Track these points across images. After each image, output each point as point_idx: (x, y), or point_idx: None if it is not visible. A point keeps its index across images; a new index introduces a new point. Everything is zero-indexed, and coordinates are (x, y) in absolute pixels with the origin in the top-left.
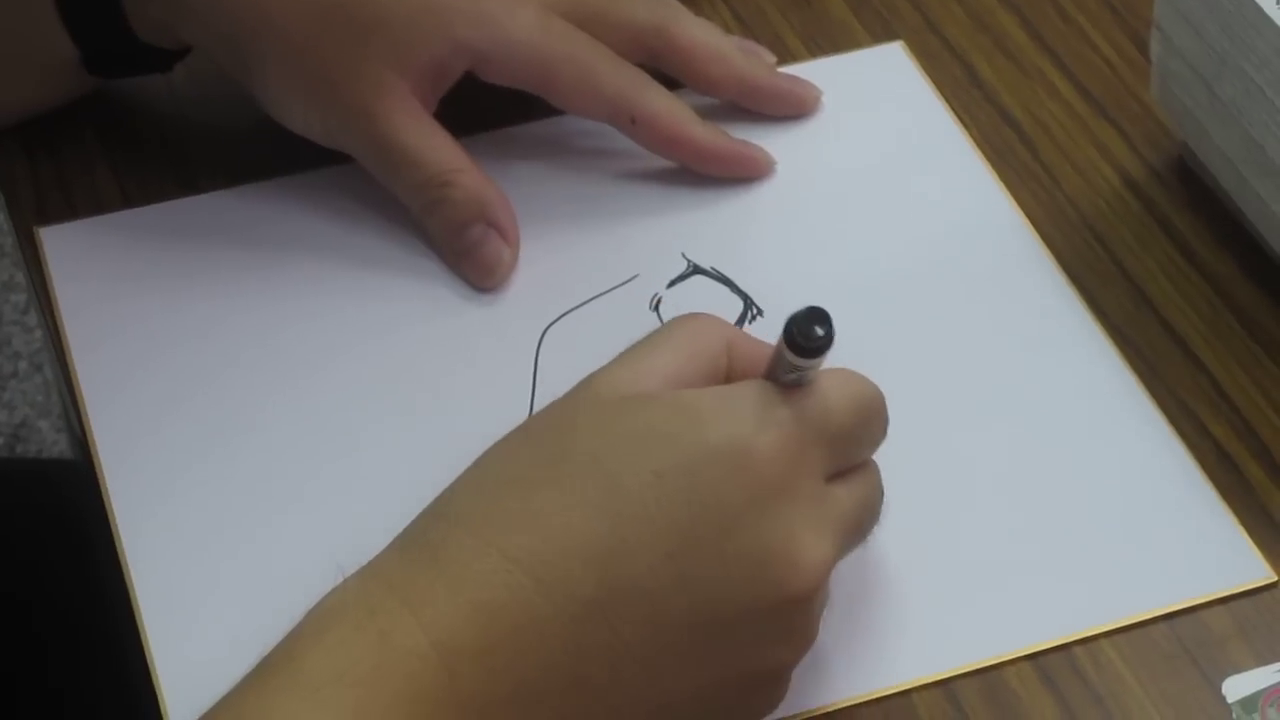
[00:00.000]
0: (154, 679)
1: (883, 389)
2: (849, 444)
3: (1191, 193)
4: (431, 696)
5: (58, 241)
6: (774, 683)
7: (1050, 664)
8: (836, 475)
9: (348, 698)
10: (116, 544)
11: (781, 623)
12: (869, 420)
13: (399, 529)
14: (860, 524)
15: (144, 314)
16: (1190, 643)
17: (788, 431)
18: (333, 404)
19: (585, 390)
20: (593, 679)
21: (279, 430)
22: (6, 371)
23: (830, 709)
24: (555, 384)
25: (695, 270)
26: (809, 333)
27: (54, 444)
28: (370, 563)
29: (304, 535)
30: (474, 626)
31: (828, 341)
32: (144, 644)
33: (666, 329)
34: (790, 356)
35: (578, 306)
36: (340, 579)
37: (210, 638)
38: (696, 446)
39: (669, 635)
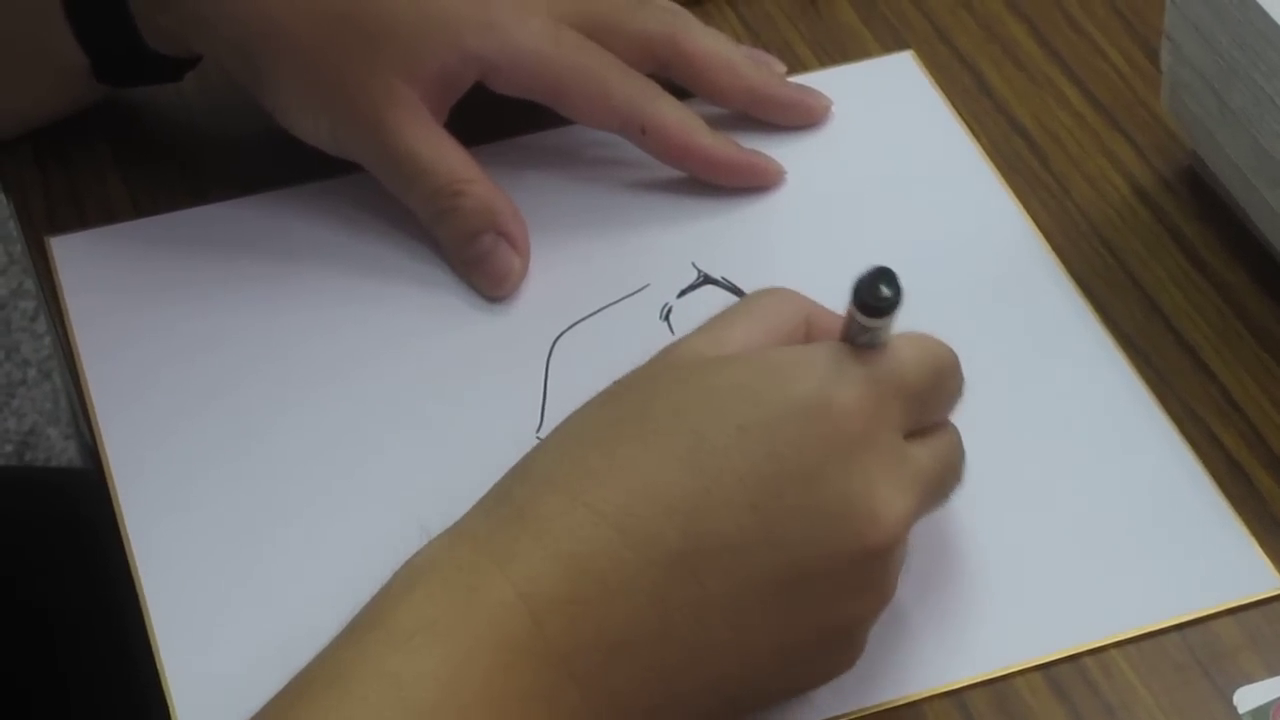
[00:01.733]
0: (164, 688)
1: None
2: (925, 402)
3: (1202, 202)
4: (518, 644)
5: (68, 251)
6: (851, 638)
7: (1061, 674)
8: (915, 434)
9: (437, 646)
10: (127, 553)
11: (860, 576)
12: (943, 379)
13: (408, 538)
14: (941, 482)
15: (154, 323)
16: (1201, 653)
17: (865, 387)
18: (342, 413)
19: (665, 356)
20: (677, 629)
21: (289, 439)
22: (15, 379)
23: (840, 719)
24: (566, 393)
25: (706, 280)
26: (876, 292)
27: (63, 451)
28: (456, 523)
29: (314, 544)
30: (560, 578)
31: (895, 300)
32: (154, 653)
33: (746, 301)
34: (860, 318)
35: (588, 316)
36: (424, 540)
37: (221, 647)
38: (777, 402)
39: (752, 587)
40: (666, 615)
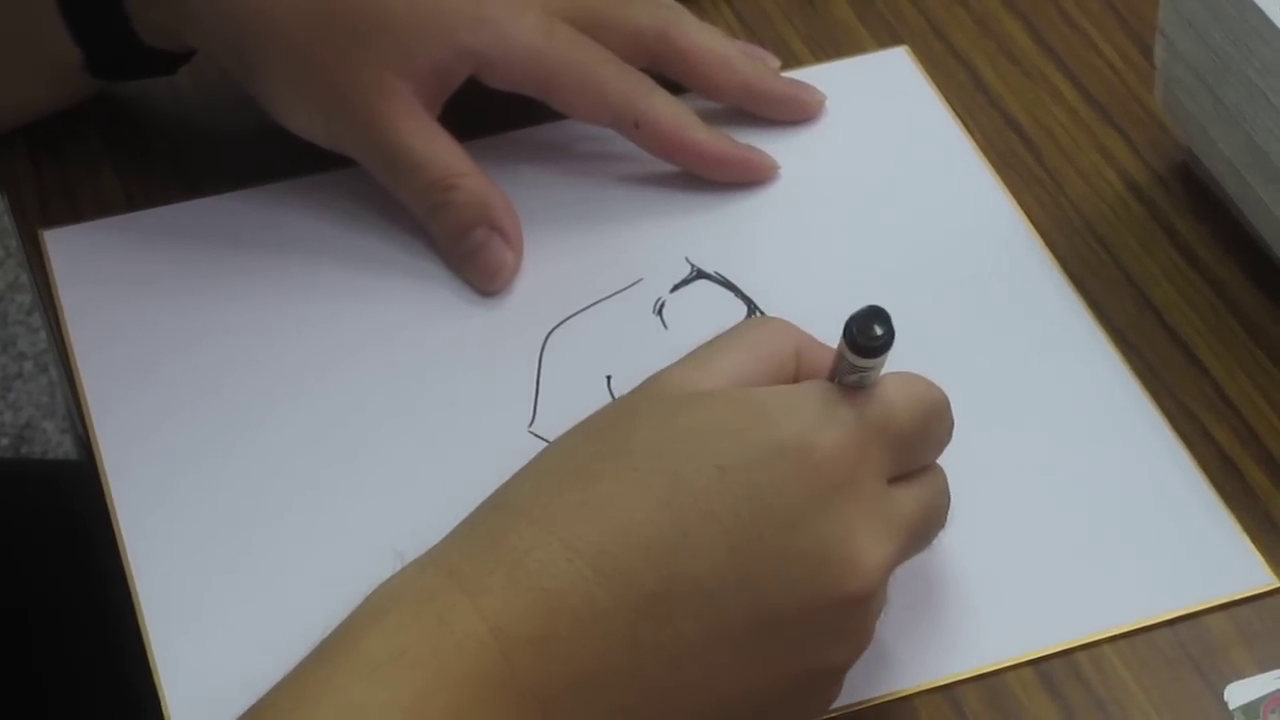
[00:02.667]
0: (156, 683)
1: None
2: (912, 446)
3: (1195, 198)
4: (490, 681)
5: (61, 244)
6: (828, 683)
7: (1052, 669)
8: (900, 478)
9: (406, 677)
10: (119, 545)
11: (838, 622)
12: (931, 422)
13: (401, 532)
14: (923, 527)
15: (147, 317)
16: (1193, 648)
17: (850, 431)
18: (335, 407)
19: (650, 386)
20: (650, 672)
21: (282, 432)
22: (12, 372)
23: (832, 715)
24: (559, 388)
25: (699, 274)
26: (869, 332)
27: (59, 445)
28: (429, 551)
29: (306, 537)
30: (533, 615)
31: (887, 341)
32: (146, 647)
33: (737, 330)
34: (851, 357)
35: (581, 310)
36: (398, 565)
37: (213, 641)
38: (759, 443)
39: (728, 631)
40: (638, 655)
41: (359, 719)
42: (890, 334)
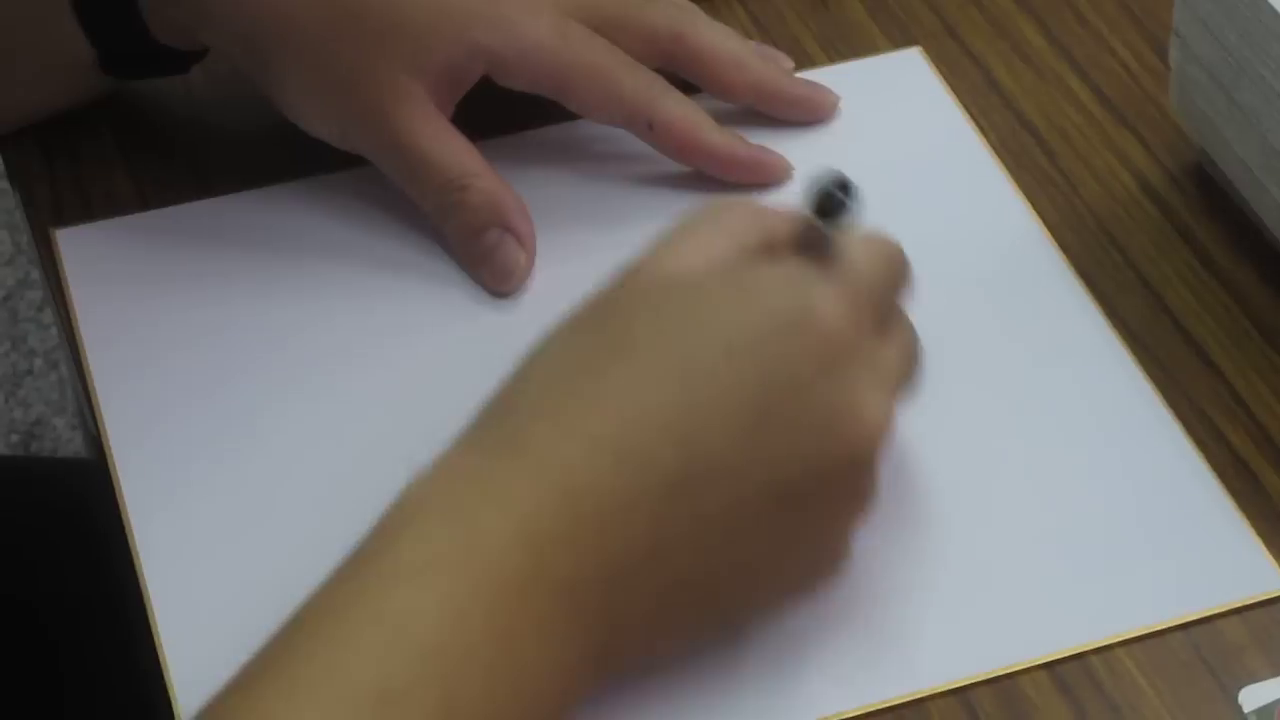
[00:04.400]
0: (166, 678)
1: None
2: (888, 300)
3: (1210, 200)
4: (519, 579)
5: (74, 243)
6: (840, 544)
7: (1066, 672)
8: (880, 331)
9: (439, 583)
10: (129, 543)
11: (849, 482)
12: (898, 273)
13: None
14: (908, 374)
15: (158, 316)
16: (1207, 652)
17: (839, 296)
18: (346, 406)
19: (633, 278)
20: (675, 550)
21: (292, 432)
22: (22, 369)
23: (845, 716)
24: None
25: None
26: (836, 198)
27: (69, 441)
28: (444, 457)
29: (316, 535)
30: (559, 511)
31: (854, 205)
32: (156, 643)
33: (701, 212)
34: (821, 225)
35: None
36: (413, 473)
37: (222, 637)
38: (761, 320)
39: (748, 505)
40: (664, 537)
41: (398, 626)
42: (855, 197)
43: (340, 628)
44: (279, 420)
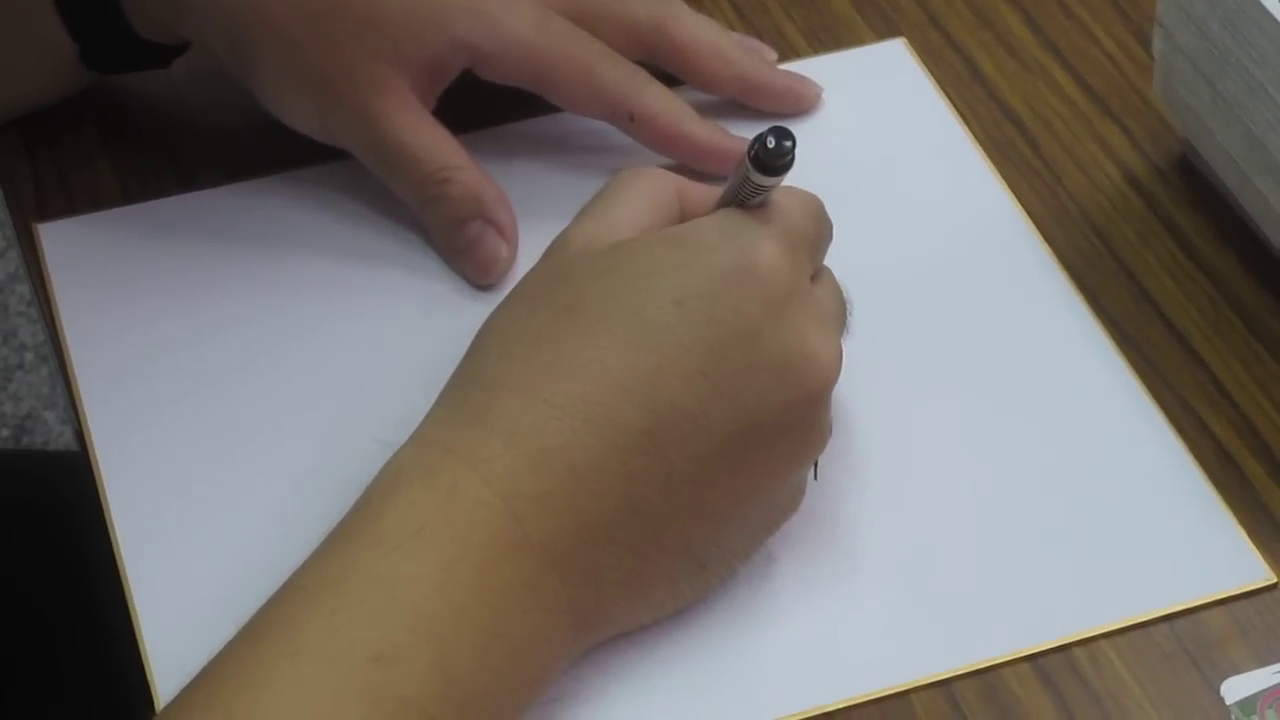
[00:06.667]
0: (149, 676)
1: (881, 384)
2: (816, 246)
3: (1194, 190)
4: (502, 542)
5: (56, 237)
6: (799, 480)
7: (1049, 665)
8: (814, 277)
9: (427, 550)
10: (111, 538)
11: (805, 419)
12: (822, 222)
13: None
14: (841, 314)
15: (142, 310)
16: (1190, 644)
17: (778, 243)
18: (328, 400)
19: (565, 249)
20: (647, 501)
21: (275, 425)
22: (13, 363)
23: (829, 709)
24: None
25: None
26: (779, 150)
27: (59, 435)
28: (418, 433)
29: (299, 529)
30: (534, 474)
31: (792, 156)
32: (138, 639)
33: (618, 183)
34: (756, 177)
35: None
36: (388, 453)
37: (204, 633)
38: (706, 272)
39: (712, 449)
40: (635, 491)
41: (391, 591)
42: (793, 148)
43: (335, 595)
44: (260, 412)
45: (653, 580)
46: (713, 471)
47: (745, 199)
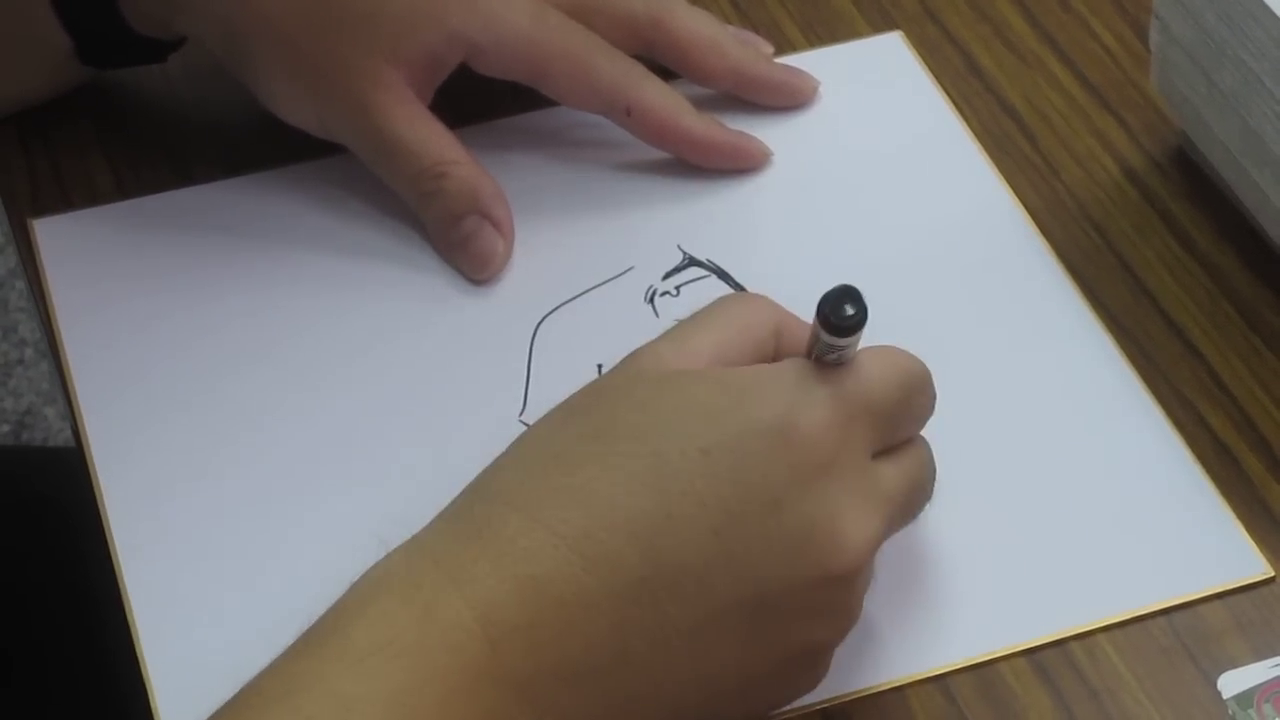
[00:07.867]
0: (144, 676)
1: None
2: (893, 420)
3: (1191, 183)
4: (474, 669)
5: (51, 233)
6: (816, 660)
7: (1046, 659)
8: (883, 453)
9: (392, 668)
10: (108, 538)
11: (824, 600)
12: (912, 395)
13: (390, 522)
14: (908, 501)
15: (137, 305)
16: (1187, 638)
17: (830, 408)
18: (324, 396)
19: (630, 366)
20: (637, 655)
21: (270, 421)
22: (13, 358)
23: (825, 704)
24: (550, 376)
25: (691, 262)
26: (840, 311)
27: (59, 431)
28: (414, 538)
29: (295, 527)
30: (518, 602)
31: (859, 319)
32: (134, 640)
33: (717, 306)
34: (825, 336)
35: (572, 299)
36: (383, 552)
37: (200, 631)
38: (741, 424)
39: (714, 612)
40: (626, 641)
41: (346, 710)
42: (863, 312)
43: (288, 710)
44: (256, 409)
45: None
46: (711, 637)
47: (821, 354)
